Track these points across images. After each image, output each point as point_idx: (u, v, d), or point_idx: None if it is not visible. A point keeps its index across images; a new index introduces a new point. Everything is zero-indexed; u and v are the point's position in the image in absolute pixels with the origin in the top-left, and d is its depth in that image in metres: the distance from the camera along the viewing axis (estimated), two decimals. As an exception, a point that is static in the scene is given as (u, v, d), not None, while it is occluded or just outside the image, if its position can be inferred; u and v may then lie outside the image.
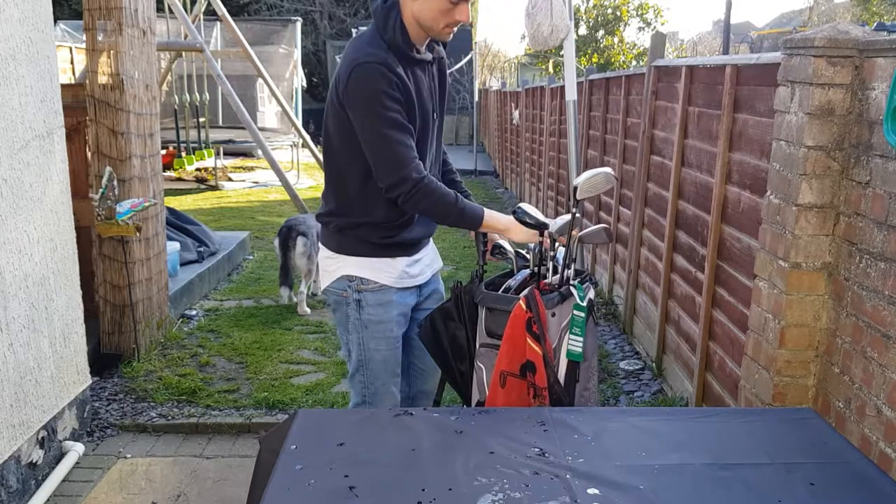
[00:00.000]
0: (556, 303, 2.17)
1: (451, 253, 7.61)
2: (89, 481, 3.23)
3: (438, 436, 1.78)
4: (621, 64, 17.49)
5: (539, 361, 2.11)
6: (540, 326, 2.11)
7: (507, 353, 2.13)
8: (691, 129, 3.98)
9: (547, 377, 2.11)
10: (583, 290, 2.22)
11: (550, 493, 1.53)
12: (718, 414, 2.09)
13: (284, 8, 20.76)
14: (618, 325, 5.23)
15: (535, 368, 2.12)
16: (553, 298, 2.18)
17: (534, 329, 2.11)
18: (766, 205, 2.71)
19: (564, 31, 3.80)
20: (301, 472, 1.61)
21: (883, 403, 2.19)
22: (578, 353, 2.19)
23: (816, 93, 2.39)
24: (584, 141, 6.60)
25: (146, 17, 4.38)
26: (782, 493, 1.55)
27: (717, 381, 3.45)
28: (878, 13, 21.93)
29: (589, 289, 2.27)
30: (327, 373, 4.36)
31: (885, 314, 2.18)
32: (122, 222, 4.12)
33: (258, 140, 9.31)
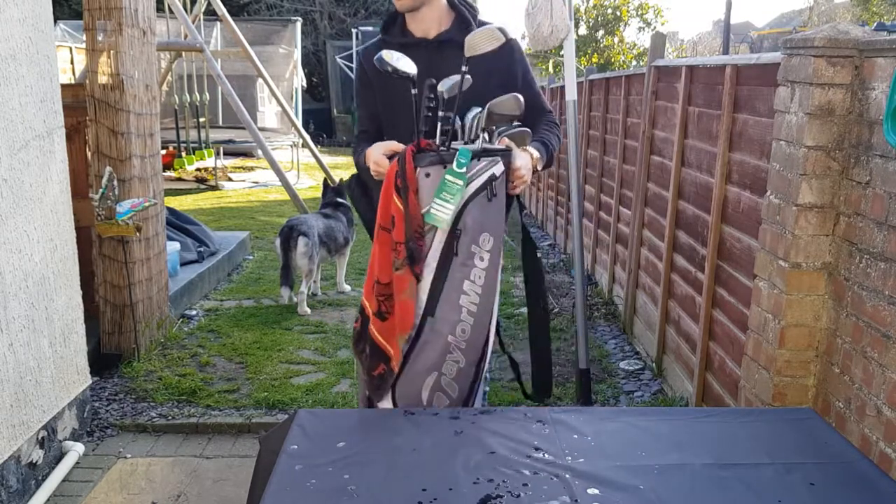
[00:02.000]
0: (431, 163, 2.16)
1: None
2: (89, 481, 3.23)
3: (438, 436, 1.78)
4: (621, 64, 17.48)
5: (399, 217, 2.16)
6: (404, 181, 2.14)
7: (381, 206, 2.21)
8: (691, 129, 3.98)
9: (404, 233, 2.16)
10: (467, 156, 2.14)
11: (550, 493, 1.53)
12: (718, 414, 2.09)
13: (284, 8, 20.75)
14: (618, 325, 5.23)
15: (394, 223, 2.18)
16: (426, 157, 2.17)
17: (397, 183, 2.16)
18: (766, 205, 2.71)
19: (564, 31, 3.80)
20: (301, 472, 1.61)
21: (883, 403, 2.19)
22: (439, 219, 2.14)
23: (816, 93, 2.39)
24: (584, 141, 6.60)
25: (146, 17, 4.38)
26: (782, 493, 1.55)
27: (717, 381, 3.45)
28: (878, 13, 21.92)
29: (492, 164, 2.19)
30: (327, 373, 4.36)
31: (886, 314, 2.18)
32: (122, 222, 4.12)
33: (258, 140, 9.31)
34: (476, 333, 2.22)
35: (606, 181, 5.97)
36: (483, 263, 2.19)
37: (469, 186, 2.16)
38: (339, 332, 5.06)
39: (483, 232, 2.18)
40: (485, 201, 2.18)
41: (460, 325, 2.19)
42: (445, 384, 2.21)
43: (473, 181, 2.17)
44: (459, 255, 2.17)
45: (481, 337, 2.25)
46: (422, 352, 2.20)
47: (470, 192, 2.16)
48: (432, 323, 2.19)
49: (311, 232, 5.54)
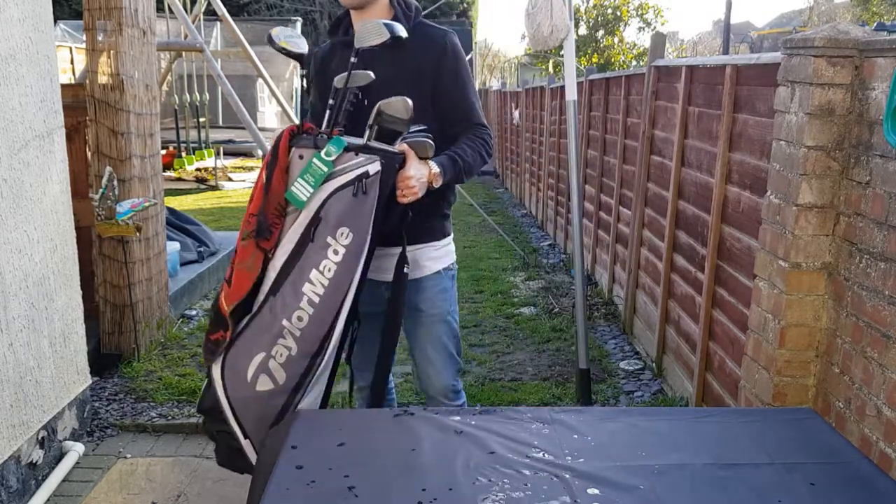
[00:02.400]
0: (306, 145, 2.19)
1: (451, 253, 7.61)
2: (89, 481, 3.23)
3: (438, 436, 1.78)
4: (621, 64, 17.49)
5: (258, 189, 2.20)
6: (272, 158, 2.18)
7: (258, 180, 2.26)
8: (691, 129, 3.98)
9: (259, 206, 2.18)
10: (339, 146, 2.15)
11: (550, 493, 1.53)
12: (718, 414, 2.09)
13: (284, 8, 20.76)
14: (618, 325, 5.23)
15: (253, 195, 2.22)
16: (302, 139, 2.20)
17: (267, 158, 2.21)
18: (766, 205, 2.71)
19: (564, 31, 3.80)
20: (301, 472, 1.61)
21: (883, 403, 2.19)
22: (298, 200, 2.16)
23: (816, 93, 2.39)
24: (584, 141, 6.60)
25: (146, 17, 4.38)
26: (782, 493, 1.55)
27: (717, 381, 3.45)
28: (878, 13, 21.92)
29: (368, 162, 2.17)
30: (327, 373, 4.35)
31: (886, 314, 2.18)
32: (122, 222, 4.12)
33: (258, 140, 9.30)
34: (314, 326, 2.18)
35: (606, 181, 5.98)
36: (336, 257, 2.17)
37: (336, 178, 2.16)
38: (339, 332, 5.05)
39: (342, 226, 2.17)
40: (349, 196, 2.16)
41: (298, 311, 2.17)
42: (273, 367, 2.18)
43: (343, 174, 2.17)
44: (315, 242, 2.17)
45: (320, 331, 2.20)
46: (256, 329, 2.19)
47: (337, 183, 2.16)
48: (273, 303, 2.18)
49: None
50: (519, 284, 6.38)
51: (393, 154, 2.20)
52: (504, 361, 4.60)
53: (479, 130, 2.46)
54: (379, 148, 2.21)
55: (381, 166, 2.18)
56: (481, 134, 2.45)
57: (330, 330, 2.21)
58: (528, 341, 4.95)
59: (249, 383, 2.19)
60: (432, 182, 2.26)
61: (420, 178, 2.21)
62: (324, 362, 2.23)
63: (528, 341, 4.95)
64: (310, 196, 2.16)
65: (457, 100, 2.44)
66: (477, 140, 2.43)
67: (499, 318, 5.42)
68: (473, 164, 2.39)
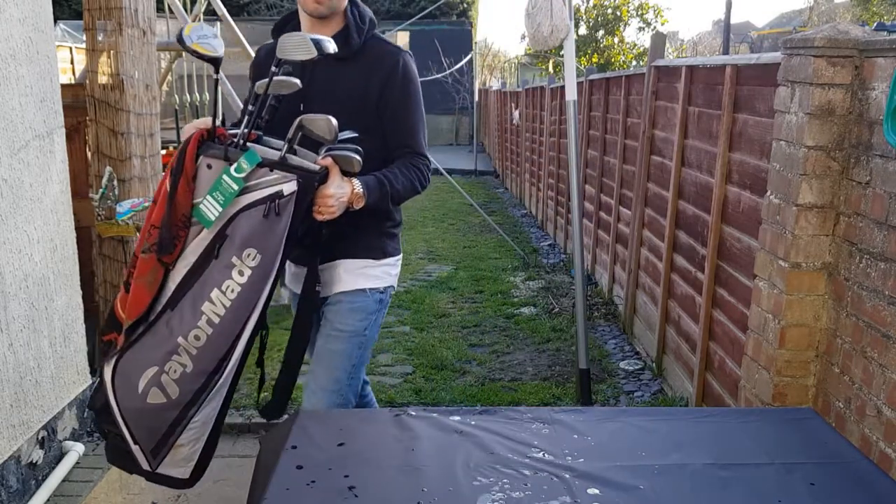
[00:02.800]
0: (215, 155, 2.02)
1: (452, 253, 7.61)
2: (89, 481, 3.22)
3: (438, 436, 1.78)
4: (621, 64, 17.48)
5: (162, 198, 2.05)
6: (178, 165, 2.02)
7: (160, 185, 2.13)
8: (691, 129, 3.98)
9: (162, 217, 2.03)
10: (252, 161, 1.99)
11: (550, 493, 1.53)
12: (718, 414, 2.09)
13: (284, 8, 20.74)
14: (618, 325, 5.23)
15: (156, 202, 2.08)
16: (212, 148, 2.04)
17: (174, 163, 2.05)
18: (766, 205, 2.71)
19: (564, 31, 3.80)
20: (301, 472, 1.61)
21: (883, 403, 2.19)
22: (206, 220, 2.01)
23: (816, 93, 2.39)
24: (584, 141, 6.60)
25: (146, 17, 4.38)
26: (782, 493, 1.55)
27: (717, 381, 3.45)
28: (878, 13, 21.92)
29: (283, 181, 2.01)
30: (327, 373, 4.35)
31: (885, 314, 2.18)
32: (122, 222, 4.12)
33: (258, 140, 9.30)
34: (212, 346, 2.05)
35: (606, 181, 5.97)
36: (241, 279, 2.03)
37: (248, 194, 2.01)
38: (339, 332, 5.06)
39: (249, 247, 2.02)
40: (259, 216, 2.01)
41: (195, 331, 2.04)
42: (165, 382, 2.06)
43: (253, 191, 2.01)
44: (219, 260, 2.02)
45: (217, 352, 2.07)
46: (151, 342, 2.07)
47: (247, 200, 2.01)
48: (169, 317, 2.05)
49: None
50: (519, 284, 6.38)
51: (312, 173, 2.04)
52: (504, 361, 4.60)
53: (417, 160, 2.31)
54: (297, 166, 2.05)
55: (298, 185, 2.02)
56: (418, 164, 2.31)
57: (229, 351, 2.08)
58: (528, 341, 4.95)
59: (140, 395, 2.08)
60: (353, 203, 2.12)
61: (340, 196, 2.07)
62: (222, 379, 2.11)
63: (528, 341, 4.95)
64: (218, 215, 2.01)
65: (400, 125, 2.30)
66: (413, 169, 2.29)
67: (499, 318, 5.42)
68: (403, 192, 2.26)
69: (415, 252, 7.65)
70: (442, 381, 4.26)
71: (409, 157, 2.30)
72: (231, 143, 2.05)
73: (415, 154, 2.31)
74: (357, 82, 2.24)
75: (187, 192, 2.02)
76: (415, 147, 2.31)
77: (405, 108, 2.29)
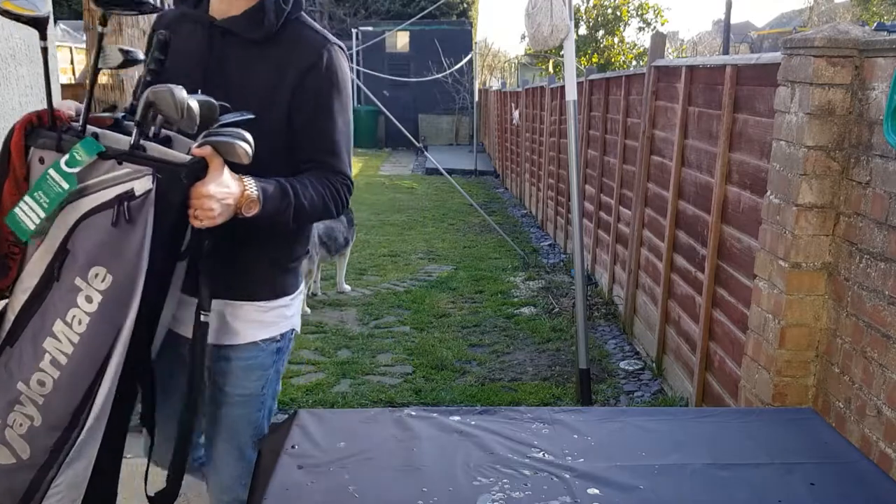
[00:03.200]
0: (46, 145, 1.61)
1: (452, 253, 7.61)
2: (89, 481, 3.22)
3: (438, 436, 1.78)
4: (621, 64, 17.48)
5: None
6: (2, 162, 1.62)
7: None
8: (691, 129, 3.98)
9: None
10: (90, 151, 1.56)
11: (550, 493, 1.53)
12: (718, 414, 2.09)
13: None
14: (618, 325, 5.23)
15: None
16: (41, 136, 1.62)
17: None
18: (766, 205, 2.71)
19: (564, 31, 3.80)
20: (301, 472, 1.61)
21: (883, 403, 2.19)
22: (22, 228, 1.57)
23: (816, 93, 2.39)
24: (584, 141, 6.60)
25: (147, 18, 4.38)
26: (782, 493, 1.55)
27: (717, 381, 3.45)
28: (878, 13, 21.93)
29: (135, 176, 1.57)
30: (327, 373, 4.36)
31: (885, 314, 2.18)
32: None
33: (258, 140, 9.30)
34: (62, 395, 1.60)
35: (606, 181, 5.98)
36: (89, 306, 1.57)
37: (90, 194, 1.57)
38: (339, 332, 5.06)
39: (95, 265, 1.57)
40: (107, 225, 1.56)
41: (38, 374, 1.59)
42: (11, 438, 1.63)
43: (96, 191, 1.57)
44: (61, 283, 1.59)
45: (70, 401, 1.61)
46: None
47: (91, 204, 1.57)
48: (8, 356, 1.62)
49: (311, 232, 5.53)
50: (519, 284, 6.38)
51: (175, 165, 1.59)
52: (504, 361, 4.60)
53: (335, 178, 1.84)
54: (153, 157, 1.59)
55: (156, 182, 1.56)
56: (336, 182, 1.84)
57: (85, 401, 1.61)
58: (528, 341, 4.95)
59: None
60: (241, 208, 1.64)
61: (224, 197, 1.60)
62: (82, 436, 1.64)
63: (528, 341, 4.95)
64: (40, 223, 1.55)
65: (318, 135, 1.83)
66: (327, 186, 1.82)
67: (499, 318, 5.42)
68: (311, 209, 1.77)
69: (415, 252, 7.65)
70: (442, 381, 4.26)
71: (330, 176, 1.84)
72: (67, 129, 1.61)
73: (335, 172, 1.85)
74: (268, 74, 1.79)
75: (16, 197, 1.58)
76: (334, 164, 1.85)
77: (326, 114, 1.82)
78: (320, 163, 1.84)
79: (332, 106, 1.83)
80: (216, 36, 1.80)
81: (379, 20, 20.76)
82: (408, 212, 10.06)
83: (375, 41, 16.67)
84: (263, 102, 1.76)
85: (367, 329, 5.17)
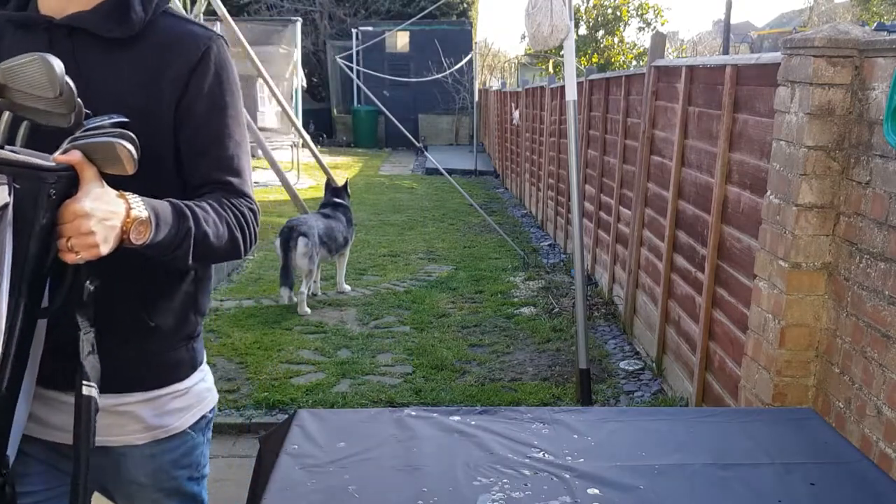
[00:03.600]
0: None
1: (452, 253, 7.61)
2: (89, 481, 3.22)
3: (438, 436, 1.78)
4: (621, 64, 17.50)
5: None
6: None
7: None
8: (691, 129, 3.98)
9: None
10: None
11: (550, 493, 1.53)
12: (718, 414, 2.09)
13: (284, 8, 20.76)
14: (618, 325, 5.23)
15: None
16: None
17: None
18: (766, 205, 2.71)
19: (564, 31, 3.80)
20: (301, 472, 1.61)
21: (883, 404, 2.19)
22: None
23: (816, 93, 2.39)
24: (584, 141, 6.60)
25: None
26: (782, 493, 1.55)
27: (717, 381, 3.46)
28: (878, 13, 21.94)
29: None
30: (327, 373, 4.36)
31: (886, 314, 2.18)
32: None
33: (258, 140, 9.31)
34: None
35: (606, 181, 5.98)
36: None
37: None
38: (339, 333, 5.06)
39: None
40: None
41: None
42: None
43: None
44: None
45: None
46: None
47: None
48: None
49: (312, 232, 5.54)
50: (519, 284, 6.38)
51: (41, 171, 1.17)
52: (504, 361, 4.60)
53: (239, 202, 1.46)
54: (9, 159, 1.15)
55: (14, 194, 1.14)
56: (241, 207, 1.45)
57: None
58: (528, 341, 4.95)
59: None
60: (129, 233, 1.22)
61: (106, 217, 1.19)
62: None
63: (528, 341, 4.95)
64: None
65: (211, 145, 1.45)
66: (235, 213, 1.43)
67: (499, 318, 5.42)
68: (217, 240, 1.38)
69: (415, 252, 7.65)
70: (442, 381, 4.26)
71: (234, 198, 1.46)
72: None
73: (238, 192, 1.47)
74: (141, 79, 1.42)
75: None
76: (237, 185, 1.47)
77: (221, 122, 1.47)
78: (219, 184, 1.45)
79: (226, 113, 1.48)
80: (60, 38, 1.39)
81: (379, 20, 20.75)
82: (408, 212, 10.06)
83: (375, 41, 16.67)
84: (137, 115, 1.34)
85: (367, 329, 5.17)
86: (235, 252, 1.45)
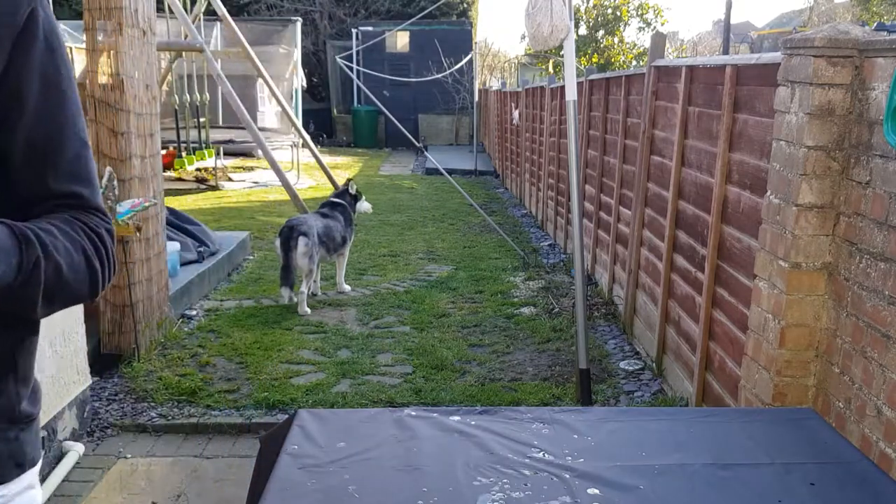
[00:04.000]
0: None
1: (452, 253, 7.61)
2: (89, 481, 3.23)
3: (438, 436, 1.78)
4: (621, 64, 17.50)
5: None
6: None
7: None
8: (691, 129, 3.98)
9: None
10: None
11: (550, 493, 1.53)
12: (718, 414, 2.09)
13: (284, 8, 20.75)
14: (618, 325, 5.23)
15: None
16: None
17: None
18: (766, 205, 2.71)
19: (564, 31, 3.80)
20: (301, 472, 1.61)
21: (883, 404, 2.19)
22: None
23: (816, 93, 2.39)
24: (584, 141, 6.60)
25: (146, 17, 4.38)
26: (782, 493, 1.55)
27: (717, 381, 3.45)
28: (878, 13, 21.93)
29: None
30: (327, 373, 4.36)
31: (885, 314, 2.18)
32: (122, 222, 4.12)
33: (258, 140, 9.31)
34: None
35: (606, 181, 5.97)
36: None
37: None
38: (339, 332, 5.06)
39: None
40: None
41: None
42: None
43: None
44: None
45: None
46: None
47: None
48: None
49: (311, 232, 5.54)
50: (519, 284, 6.38)
51: None
52: (504, 361, 4.60)
53: (92, 220, 1.08)
54: None
55: None
56: (97, 226, 1.08)
57: None
58: (528, 341, 4.95)
59: None
60: None
61: None
62: None
63: (528, 341, 4.95)
64: None
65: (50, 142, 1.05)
66: (87, 233, 1.06)
67: (499, 318, 5.42)
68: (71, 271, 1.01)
69: (415, 252, 7.65)
70: (442, 381, 4.26)
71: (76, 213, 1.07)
72: None
73: (87, 209, 1.09)
74: None
75: None
76: (86, 195, 1.09)
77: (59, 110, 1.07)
78: (65, 197, 1.07)
79: (66, 97, 1.08)
80: None
81: (379, 20, 20.75)
82: (408, 212, 10.06)
83: (375, 41, 16.67)
84: None
85: (367, 329, 5.17)
86: (93, 288, 1.06)
